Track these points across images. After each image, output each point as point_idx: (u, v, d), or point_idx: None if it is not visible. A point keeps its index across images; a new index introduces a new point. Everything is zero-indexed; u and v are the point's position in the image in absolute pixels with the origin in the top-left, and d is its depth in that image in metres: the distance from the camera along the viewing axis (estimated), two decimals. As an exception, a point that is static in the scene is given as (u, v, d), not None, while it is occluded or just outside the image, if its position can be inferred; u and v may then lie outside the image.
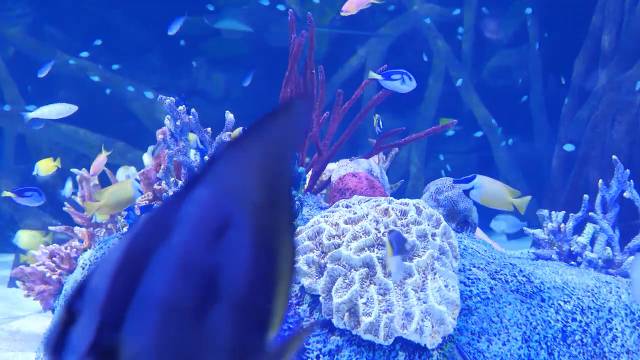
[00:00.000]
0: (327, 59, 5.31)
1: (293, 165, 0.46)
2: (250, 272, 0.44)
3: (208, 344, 0.42)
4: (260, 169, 0.44)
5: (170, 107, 1.96)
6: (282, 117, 0.44)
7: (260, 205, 0.44)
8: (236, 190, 0.44)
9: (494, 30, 5.62)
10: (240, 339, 0.43)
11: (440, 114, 5.39)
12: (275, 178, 0.45)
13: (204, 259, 0.42)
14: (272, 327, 0.45)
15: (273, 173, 0.44)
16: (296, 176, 1.91)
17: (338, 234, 1.54)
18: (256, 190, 0.44)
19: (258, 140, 0.43)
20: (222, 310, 0.42)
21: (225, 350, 0.42)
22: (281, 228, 0.45)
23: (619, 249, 1.98)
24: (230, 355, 0.43)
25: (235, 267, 0.43)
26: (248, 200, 0.44)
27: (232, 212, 0.43)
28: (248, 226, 0.44)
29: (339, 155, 2.30)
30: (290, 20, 2.11)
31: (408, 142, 2.26)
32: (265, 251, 0.45)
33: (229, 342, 0.43)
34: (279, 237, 0.45)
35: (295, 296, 1.54)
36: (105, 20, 5.68)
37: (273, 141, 0.44)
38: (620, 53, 4.18)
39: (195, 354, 0.42)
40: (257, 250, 0.44)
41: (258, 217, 0.44)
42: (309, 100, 0.45)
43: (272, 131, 0.44)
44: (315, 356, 1.43)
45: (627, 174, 2.01)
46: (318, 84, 2.16)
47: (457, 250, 1.59)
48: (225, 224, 0.43)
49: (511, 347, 1.56)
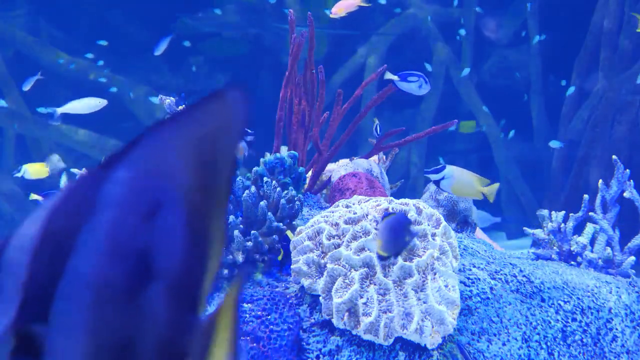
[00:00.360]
0: (327, 59, 5.31)
1: (235, 153, 0.46)
2: (184, 253, 0.44)
3: (142, 323, 0.42)
4: (192, 153, 0.44)
5: (170, 107, 1.96)
6: (214, 103, 0.44)
7: (193, 189, 0.45)
8: (165, 172, 0.44)
9: (494, 30, 5.62)
10: (175, 317, 0.44)
11: (440, 113, 5.39)
12: (211, 163, 0.45)
13: (135, 240, 0.42)
14: (202, 305, 0.46)
15: (208, 158, 0.45)
16: (296, 176, 1.91)
17: (338, 234, 1.54)
18: (189, 174, 0.44)
19: (187, 124, 0.44)
20: (156, 290, 0.43)
21: (159, 329, 0.43)
22: (215, 212, 0.46)
23: (619, 249, 1.98)
24: (165, 334, 0.43)
25: (168, 248, 0.43)
26: (179, 182, 0.44)
27: (162, 194, 0.44)
28: (180, 208, 0.44)
29: (339, 155, 2.29)
30: (290, 20, 2.11)
31: (408, 142, 2.26)
32: (199, 233, 0.45)
33: (164, 321, 0.43)
34: (212, 220, 0.46)
35: (295, 296, 1.54)
36: (105, 20, 5.68)
37: (205, 126, 0.44)
38: (620, 53, 4.18)
39: (129, 333, 0.42)
40: (190, 232, 0.45)
41: (191, 201, 0.45)
42: (243, 88, 0.46)
43: (203, 116, 0.44)
44: (315, 356, 1.43)
45: (627, 174, 2.01)
46: (318, 83, 2.16)
47: (457, 250, 1.59)
48: (155, 205, 0.43)
49: (511, 347, 1.56)
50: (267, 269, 1.65)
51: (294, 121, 2.16)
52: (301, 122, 2.16)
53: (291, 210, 1.70)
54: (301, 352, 1.43)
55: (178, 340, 0.44)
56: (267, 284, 1.61)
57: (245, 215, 1.66)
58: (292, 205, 1.71)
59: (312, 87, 2.16)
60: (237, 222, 1.60)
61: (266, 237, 1.64)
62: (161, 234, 0.43)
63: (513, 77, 5.64)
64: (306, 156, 2.22)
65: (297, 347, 1.42)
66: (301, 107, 2.15)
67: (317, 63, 2.15)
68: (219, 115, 0.45)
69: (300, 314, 1.49)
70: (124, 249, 0.42)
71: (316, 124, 2.17)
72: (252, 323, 1.39)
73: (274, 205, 1.70)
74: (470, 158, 5.61)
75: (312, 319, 1.49)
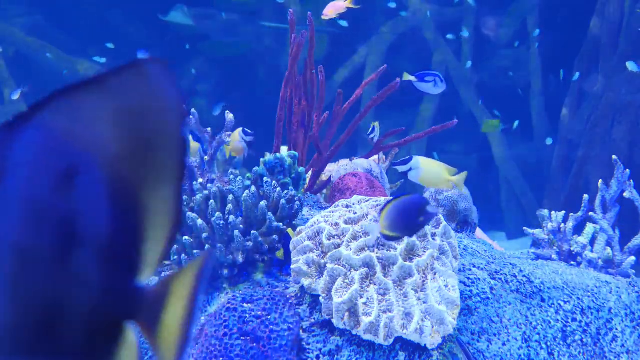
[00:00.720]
0: (327, 59, 5.31)
1: (178, 132, 0.46)
2: (111, 220, 0.44)
3: (71, 287, 0.43)
4: (115, 122, 0.44)
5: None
6: (132, 74, 0.44)
7: (119, 157, 0.45)
8: (80, 137, 0.44)
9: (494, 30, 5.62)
10: (107, 283, 0.44)
11: (440, 113, 5.40)
12: (143, 136, 0.45)
13: (53, 203, 0.42)
14: (144, 270, 0.46)
15: (137, 130, 0.45)
16: (296, 176, 1.91)
17: (338, 234, 1.54)
18: (112, 142, 0.44)
19: (104, 93, 0.44)
20: (85, 255, 0.43)
21: (90, 293, 0.43)
22: (153, 184, 0.46)
23: (619, 249, 1.98)
24: (96, 298, 0.44)
25: (93, 214, 0.44)
26: (100, 149, 0.44)
27: (79, 159, 0.44)
28: (103, 175, 0.44)
29: (339, 155, 2.29)
30: (290, 20, 2.11)
31: (408, 142, 2.26)
32: (128, 202, 0.45)
33: (95, 286, 0.44)
34: (149, 191, 0.46)
35: (295, 296, 1.54)
36: (105, 20, 5.68)
37: (125, 97, 0.44)
38: (620, 53, 4.18)
39: (56, 297, 0.42)
40: (118, 200, 0.45)
41: (118, 169, 0.45)
42: (163, 61, 0.46)
43: (122, 87, 0.44)
44: (315, 356, 1.43)
45: (627, 174, 2.01)
46: (318, 84, 2.16)
47: (457, 250, 1.59)
48: (72, 169, 0.43)
49: (511, 347, 1.56)
50: (267, 269, 1.65)
51: (294, 121, 2.16)
52: (301, 122, 2.16)
53: (291, 210, 1.70)
54: (301, 352, 1.43)
55: (111, 305, 0.44)
56: (267, 284, 1.61)
57: (245, 215, 1.66)
58: (292, 205, 1.71)
59: (312, 87, 2.16)
60: (237, 222, 1.60)
61: (266, 237, 1.64)
62: (83, 200, 0.43)
63: (513, 77, 5.64)
64: (306, 156, 2.22)
65: (297, 347, 1.42)
66: (301, 107, 2.15)
67: (317, 63, 2.15)
68: (142, 88, 0.44)
69: (300, 314, 1.49)
70: (43, 213, 0.42)
71: (316, 124, 2.17)
72: (252, 323, 1.39)
73: (274, 205, 1.70)
74: (470, 158, 5.61)
75: (312, 319, 1.49)
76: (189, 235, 1.61)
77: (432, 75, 2.24)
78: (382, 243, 1.51)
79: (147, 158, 0.46)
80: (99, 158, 0.44)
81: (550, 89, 5.46)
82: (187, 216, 1.60)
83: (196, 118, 1.98)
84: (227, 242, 1.61)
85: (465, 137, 5.53)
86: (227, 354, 1.35)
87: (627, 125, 4.07)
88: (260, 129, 2.66)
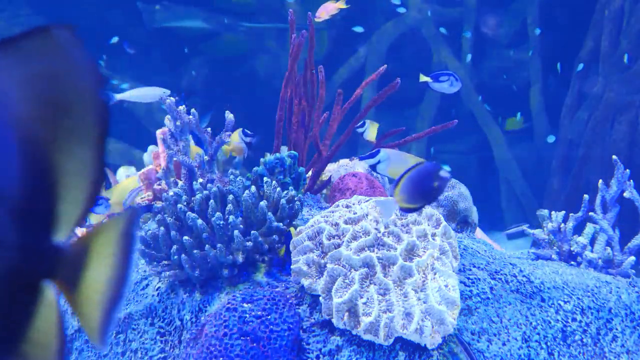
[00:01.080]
0: (327, 59, 5.31)
1: (96, 98, 0.47)
2: (25, 179, 0.45)
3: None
4: (23, 83, 0.44)
5: (170, 107, 1.96)
6: (40, 39, 0.44)
7: (30, 118, 0.45)
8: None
9: (494, 30, 5.62)
10: (21, 239, 0.44)
11: (440, 113, 5.39)
12: (57, 100, 0.45)
13: None
14: (61, 230, 0.47)
15: (50, 94, 0.45)
16: (296, 176, 1.91)
17: (338, 234, 1.54)
18: (21, 103, 0.45)
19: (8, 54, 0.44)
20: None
21: (6, 251, 0.44)
22: (67, 143, 0.47)
23: (619, 249, 1.98)
24: (13, 255, 0.44)
25: (3, 173, 0.44)
26: (9, 110, 0.45)
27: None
28: (13, 134, 0.45)
29: (339, 155, 2.29)
30: (290, 20, 2.11)
31: (408, 142, 2.26)
32: (42, 161, 0.46)
33: (10, 243, 0.44)
34: (63, 150, 0.46)
35: (295, 296, 1.54)
36: (105, 20, 5.68)
37: (30, 57, 0.44)
38: (620, 53, 4.18)
39: None
40: (30, 159, 0.45)
41: (29, 129, 0.45)
42: (70, 26, 0.46)
43: (30, 51, 0.44)
44: (315, 356, 1.43)
45: (627, 174, 2.01)
46: (318, 83, 2.16)
47: (457, 250, 1.59)
48: None
49: (511, 347, 1.56)
50: (267, 269, 1.65)
51: (294, 121, 2.16)
52: (301, 122, 2.16)
53: (291, 211, 1.70)
54: (301, 352, 1.43)
55: (26, 263, 0.45)
56: (267, 284, 1.61)
57: (245, 215, 1.66)
58: (292, 205, 1.71)
59: (312, 87, 2.16)
60: (237, 222, 1.60)
61: (266, 237, 1.64)
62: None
63: (513, 77, 5.64)
64: (306, 156, 2.22)
65: (297, 347, 1.42)
66: (301, 107, 2.15)
67: (317, 63, 2.15)
68: (49, 50, 0.45)
69: (300, 314, 1.49)
70: None
71: (316, 124, 2.17)
72: (252, 323, 1.39)
73: (274, 206, 1.70)
74: (470, 158, 5.61)
75: (312, 319, 1.49)
76: (189, 235, 1.61)
77: (447, 75, 2.28)
78: (382, 243, 1.51)
79: (59, 119, 0.46)
80: (7, 118, 0.44)
81: (550, 89, 5.46)
82: (187, 216, 1.60)
83: (196, 118, 1.98)
84: (227, 242, 1.61)
85: (465, 137, 5.53)
86: (227, 354, 1.35)
87: (627, 126, 4.07)
88: (260, 129, 2.66)
